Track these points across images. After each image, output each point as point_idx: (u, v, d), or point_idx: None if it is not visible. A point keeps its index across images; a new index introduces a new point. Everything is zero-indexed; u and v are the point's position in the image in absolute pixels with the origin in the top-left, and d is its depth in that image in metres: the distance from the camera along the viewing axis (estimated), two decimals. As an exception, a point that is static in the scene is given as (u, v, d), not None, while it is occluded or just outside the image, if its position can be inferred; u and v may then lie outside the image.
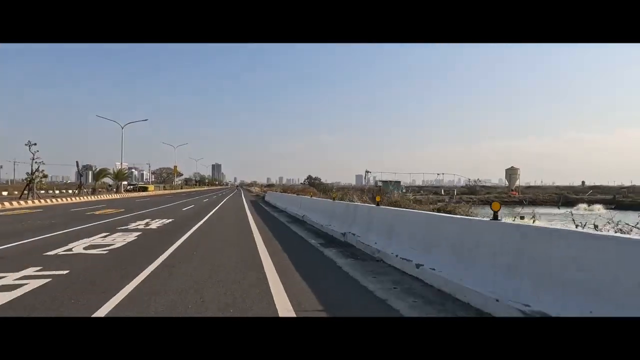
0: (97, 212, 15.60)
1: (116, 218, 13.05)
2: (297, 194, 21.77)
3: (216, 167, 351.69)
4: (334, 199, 10.42)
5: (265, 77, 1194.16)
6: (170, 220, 12.44)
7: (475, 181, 71.80)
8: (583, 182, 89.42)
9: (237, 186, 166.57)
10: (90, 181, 49.54)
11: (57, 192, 35.56)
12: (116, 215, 14.38)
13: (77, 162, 31.49)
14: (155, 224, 11.06)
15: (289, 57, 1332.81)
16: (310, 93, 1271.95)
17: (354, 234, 7.64)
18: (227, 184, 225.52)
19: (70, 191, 36.82)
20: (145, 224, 11.13)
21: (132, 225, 10.58)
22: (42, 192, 30.90)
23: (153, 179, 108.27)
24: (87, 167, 44.69)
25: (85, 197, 28.56)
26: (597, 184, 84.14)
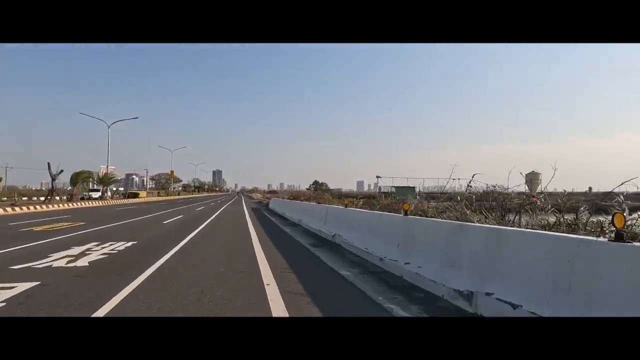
0: (36, 229, 11.03)
1: (48, 240, 8.47)
2: (318, 202, 16.95)
3: (217, 174, 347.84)
4: (406, 213, 5.79)
5: (264, 85, 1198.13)
6: (129, 244, 7.89)
7: (494, 186, 64.27)
8: (590, 188, 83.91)
9: (237, 192, 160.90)
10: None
11: (25, 198, 30.91)
12: (60, 233, 9.84)
13: (48, 163, 26.58)
14: (96, 254, 6.53)
15: (287, 65, 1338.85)
16: (309, 98, 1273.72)
17: (514, 306, 3.09)
18: (227, 190, 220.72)
19: (37, 198, 32.10)
20: (79, 253, 6.61)
21: (47, 260, 5.99)
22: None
23: (152, 185, 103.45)
24: (80, 173, 40.54)
25: (55, 205, 24.00)
26: (600, 189, 78.22)
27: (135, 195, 48.08)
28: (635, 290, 2.31)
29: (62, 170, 28.72)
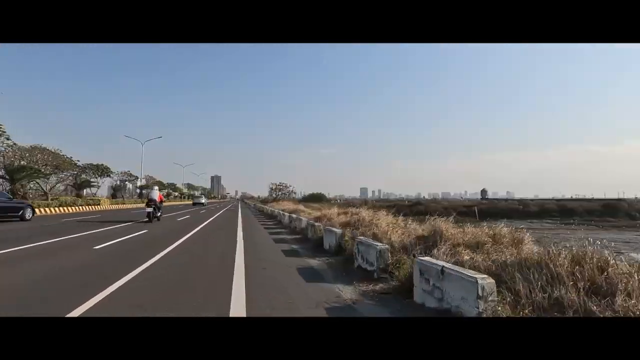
0: None
1: None
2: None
3: (215, 179, 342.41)
4: None
5: (258, 93, 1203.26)
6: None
7: None
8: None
9: (237, 199, 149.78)
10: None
11: None
12: None
13: None
14: None
15: (287, 72, 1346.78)
16: (308, 106, 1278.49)
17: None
18: (226, 196, 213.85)
19: None
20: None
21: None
22: None
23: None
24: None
25: None
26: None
27: None
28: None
29: None
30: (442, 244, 5.23)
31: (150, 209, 13.69)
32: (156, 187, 17.26)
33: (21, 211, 13.89)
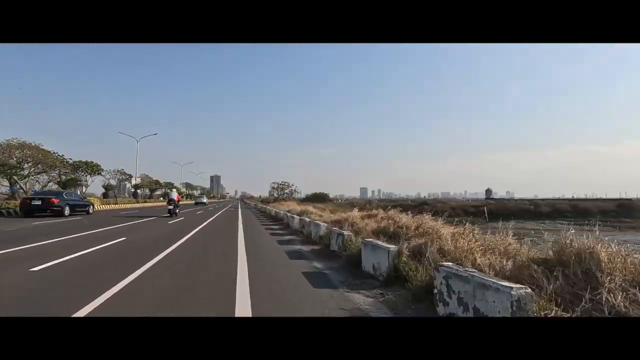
0: None
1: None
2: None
3: (215, 179, 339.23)
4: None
5: (257, 93, 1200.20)
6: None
7: None
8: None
9: (237, 199, 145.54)
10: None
11: None
12: None
13: None
14: None
15: (286, 72, 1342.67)
16: (307, 106, 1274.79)
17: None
18: (225, 196, 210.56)
19: None
20: None
21: None
22: None
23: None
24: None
25: None
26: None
27: None
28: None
29: None
30: (606, 279, 2.92)
31: (170, 207, 17.46)
32: (174, 189, 22.52)
33: (87, 207, 18.73)
